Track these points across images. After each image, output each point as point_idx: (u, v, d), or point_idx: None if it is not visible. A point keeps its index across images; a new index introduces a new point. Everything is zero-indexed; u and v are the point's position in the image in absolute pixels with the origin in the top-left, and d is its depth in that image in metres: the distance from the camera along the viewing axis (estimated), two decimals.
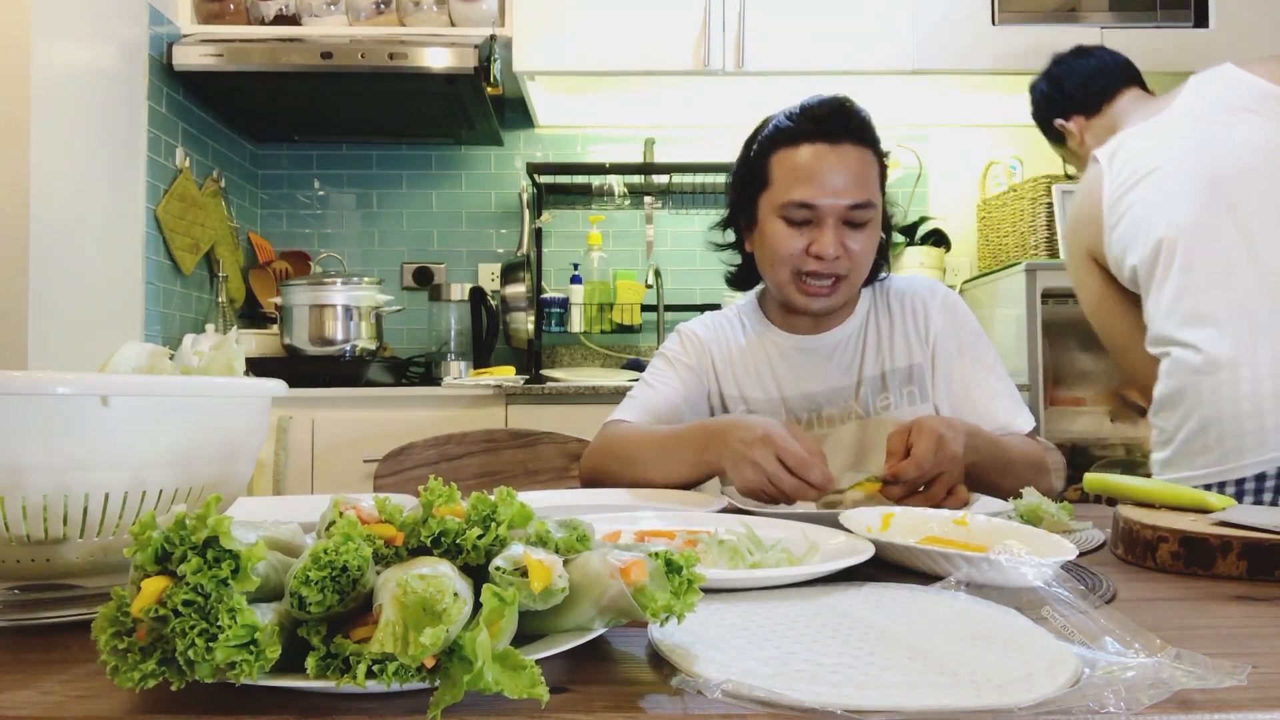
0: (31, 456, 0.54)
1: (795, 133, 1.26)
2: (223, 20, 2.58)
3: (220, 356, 0.70)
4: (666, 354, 1.42)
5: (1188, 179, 1.42)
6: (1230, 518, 0.81)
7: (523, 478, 1.71)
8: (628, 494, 1.13)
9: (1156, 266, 1.42)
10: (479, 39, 2.47)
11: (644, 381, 1.41)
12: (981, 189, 2.98)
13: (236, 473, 0.67)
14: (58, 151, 1.99)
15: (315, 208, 3.06)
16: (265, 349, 2.58)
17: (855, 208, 1.24)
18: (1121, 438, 2.40)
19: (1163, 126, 1.51)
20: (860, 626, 0.55)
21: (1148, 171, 1.46)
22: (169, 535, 0.42)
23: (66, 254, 2.01)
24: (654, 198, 3.03)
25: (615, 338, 2.98)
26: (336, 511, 0.51)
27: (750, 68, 2.53)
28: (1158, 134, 1.50)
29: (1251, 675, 0.46)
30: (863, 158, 1.26)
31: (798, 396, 1.36)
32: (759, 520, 0.84)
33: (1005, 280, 2.48)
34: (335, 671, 0.41)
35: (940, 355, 1.34)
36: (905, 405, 1.33)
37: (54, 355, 1.94)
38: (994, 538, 0.75)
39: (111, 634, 0.42)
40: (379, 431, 2.28)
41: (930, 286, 1.40)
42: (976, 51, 2.54)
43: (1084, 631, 0.53)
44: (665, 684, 0.47)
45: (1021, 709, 0.42)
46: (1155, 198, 1.44)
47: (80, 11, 2.07)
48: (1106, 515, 0.98)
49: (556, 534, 0.51)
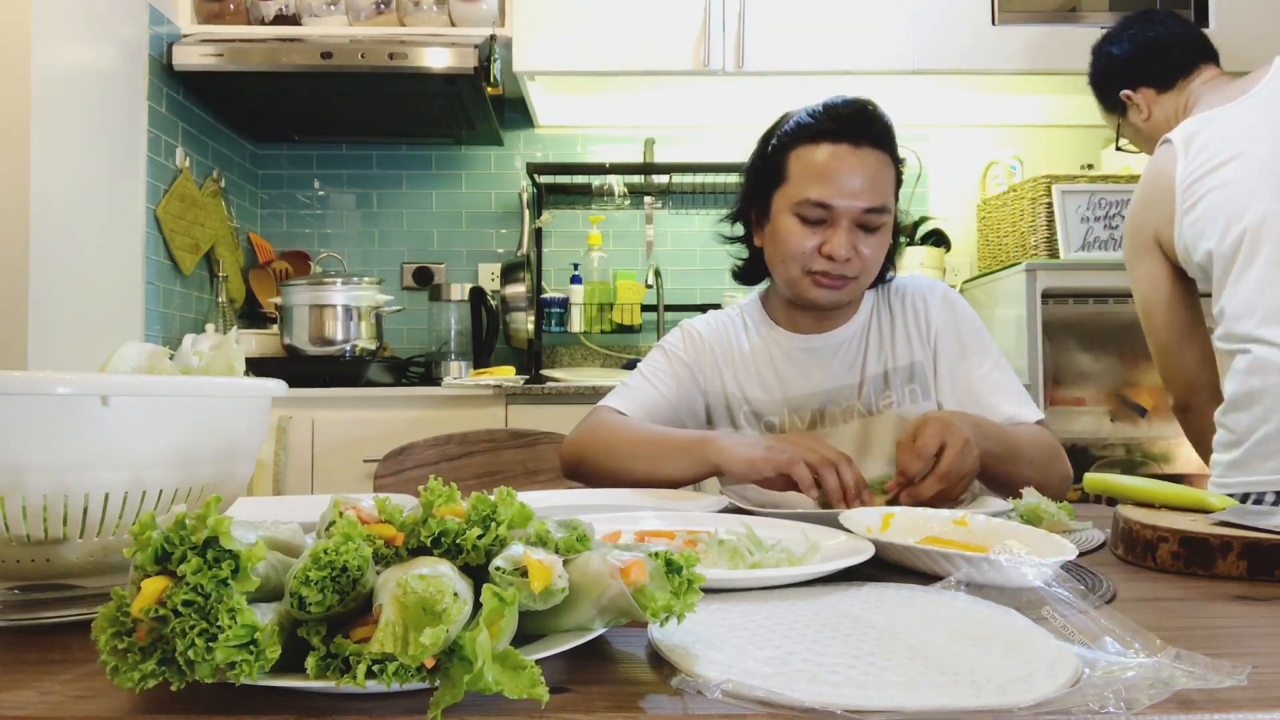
0: (31, 456, 0.54)
1: (817, 130, 1.26)
2: (223, 20, 2.58)
3: (220, 356, 0.70)
4: (665, 348, 1.42)
5: (1278, 167, 1.34)
6: (1230, 518, 0.81)
7: (523, 478, 1.71)
8: (628, 494, 1.13)
9: (1237, 258, 1.34)
10: (479, 39, 2.47)
11: (639, 373, 1.40)
12: (981, 189, 2.98)
13: (236, 473, 0.67)
14: (58, 151, 1.99)
15: (315, 208, 3.06)
16: (265, 349, 2.58)
17: (870, 211, 1.24)
18: (1121, 438, 2.41)
19: (1248, 110, 1.42)
20: (860, 626, 0.55)
21: (1231, 156, 1.38)
22: (169, 535, 0.42)
23: (66, 254, 2.01)
24: (654, 198, 3.03)
25: (615, 338, 2.98)
26: (336, 511, 0.51)
27: (750, 68, 2.53)
28: (1243, 118, 1.41)
29: (1251, 675, 0.46)
30: (881, 162, 1.26)
31: (801, 396, 1.36)
32: (759, 520, 0.84)
33: (1005, 280, 2.48)
34: (335, 671, 0.41)
35: (942, 353, 1.34)
36: (908, 403, 1.34)
37: (54, 355, 1.94)
38: (994, 538, 0.75)
39: (111, 634, 0.42)
40: (379, 431, 2.28)
41: (929, 284, 1.40)
42: (976, 51, 2.54)
43: (1084, 631, 0.53)
44: (665, 684, 0.47)
45: (1021, 709, 0.42)
46: (1239, 185, 1.36)
47: (80, 11, 2.07)
48: (1106, 515, 0.98)
49: (556, 534, 0.51)
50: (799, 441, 1.08)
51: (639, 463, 1.20)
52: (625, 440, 1.25)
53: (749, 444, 1.11)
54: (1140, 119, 1.63)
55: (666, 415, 1.36)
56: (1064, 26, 2.54)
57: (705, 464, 1.14)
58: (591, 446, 1.27)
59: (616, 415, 1.33)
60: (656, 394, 1.37)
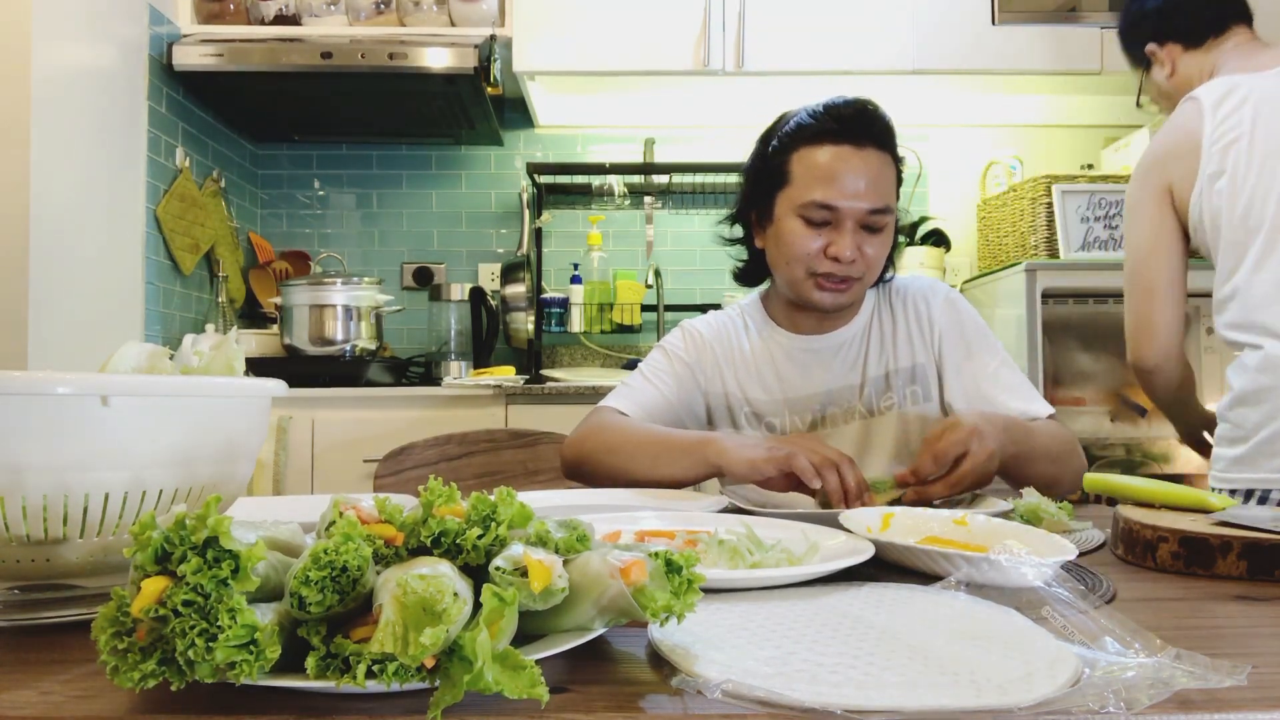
0: (31, 456, 0.54)
1: (818, 131, 1.26)
2: (223, 20, 2.58)
3: (220, 356, 0.70)
4: (666, 348, 1.42)
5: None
6: (1230, 518, 0.81)
7: (523, 478, 1.71)
8: (628, 494, 1.13)
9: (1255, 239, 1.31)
10: (479, 39, 2.47)
11: (640, 373, 1.40)
12: (981, 189, 2.98)
13: (236, 473, 0.67)
14: (58, 151, 1.99)
15: (315, 208, 3.06)
16: (265, 349, 2.58)
17: (874, 212, 1.24)
18: (1121, 438, 2.41)
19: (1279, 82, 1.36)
20: (860, 626, 0.55)
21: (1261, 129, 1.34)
22: (169, 535, 0.42)
23: (66, 254, 2.01)
24: (654, 198, 3.03)
25: (615, 338, 2.98)
26: (336, 511, 0.51)
27: (750, 68, 2.53)
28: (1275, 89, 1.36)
29: (1251, 675, 0.46)
30: (884, 162, 1.26)
31: (801, 397, 1.36)
32: (759, 520, 0.84)
33: (1005, 280, 2.48)
34: (335, 671, 0.41)
35: (947, 355, 1.34)
36: (909, 405, 1.33)
37: (54, 355, 1.94)
38: (994, 538, 0.75)
39: (111, 634, 0.42)
40: (379, 431, 2.28)
41: (931, 285, 1.40)
42: (976, 51, 2.54)
43: (1084, 631, 0.53)
44: (665, 684, 0.47)
45: (1021, 709, 0.42)
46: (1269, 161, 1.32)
47: (80, 11, 2.07)
48: (1106, 515, 0.98)
49: (556, 534, 0.51)
50: (800, 442, 1.08)
51: (640, 463, 1.20)
52: (627, 441, 1.24)
53: (750, 445, 1.11)
54: (1164, 75, 1.58)
55: (667, 415, 1.36)
56: (1064, 26, 2.54)
57: (706, 465, 1.14)
58: (593, 447, 1.27)
59: (618, 415, 1.33)
60: (657, 394, 1.37)
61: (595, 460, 1.26)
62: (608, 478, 1.23)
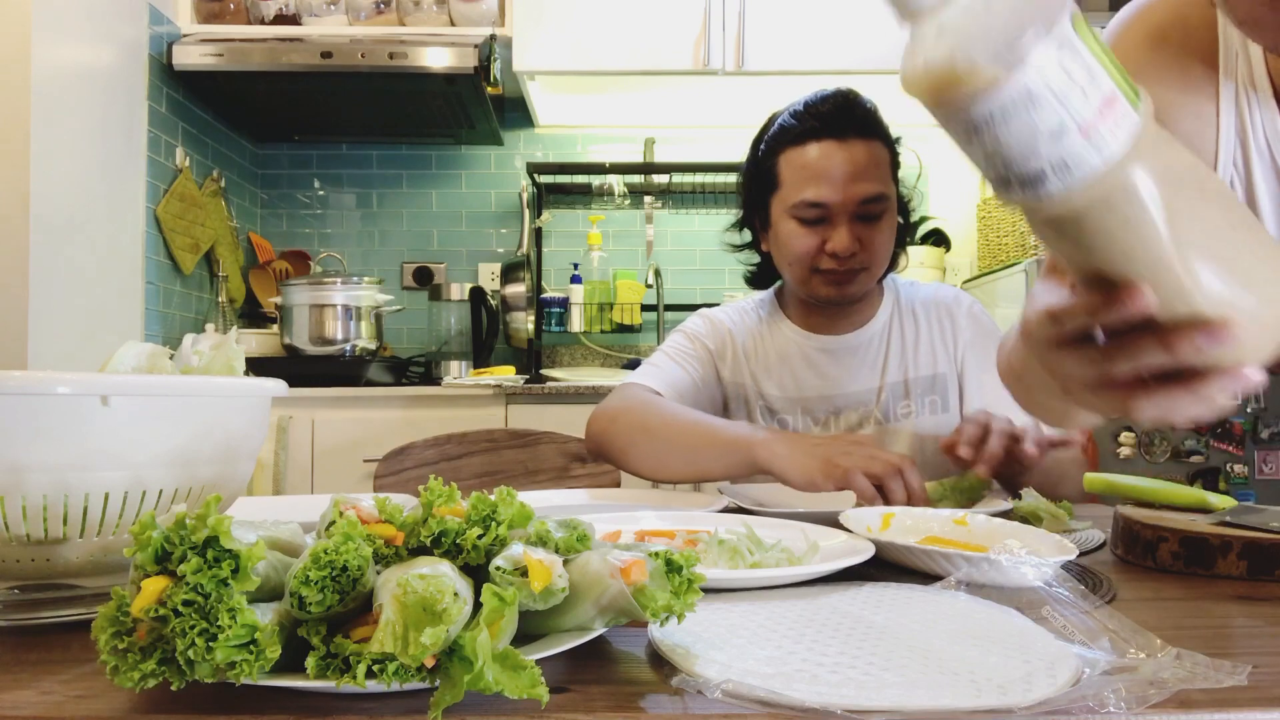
0: (31, 456, 0.54)
1: (800, 131, 1.25)
2: (223, 20, 2.58)
3: (220, 356, 0.70)
4: (688, 332, 1.39)
5: None
6: (1230, 518, 0.81)
7: (523, 478, 1.71)
8: (627, 494, 1.13)
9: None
10: (479, 39, 2.47)
11: (664, 353, 1.37)
12: (982, 189, 2.98)
13: (236, 473, 0.67)
14: (58, 151, 1.99)
15: (315, 208, 3.06)
16: (265, 349, 2.58)
17: (867, 201, 1.23)
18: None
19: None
20: (860, 626, 0.55)
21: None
22: (169, 535, 0.42)
23: (66, 254, 2.01)
24: (654, 198, 3.03)
25: (615, 337, 2.98)
26: (336, 511, 0.51)
27: (750, 68, 2.53)
28: None
29: (1251, 675, 0.46)
30: (871, 150, 1.24)
31: (816, 398, 1.34)
32: (759, 520, 0.84)
33: (1005, 280, 2.48)
34: (335, 671, 0.41)
35: (970, 368, 1.33)
36: (926, 414, 1.32)
37: (54, 355, 1.94)
38: (994, 538, 0.75)
39: (111, 634, 0.42)
40: (379, 431, 2.28)
41: (955, 296, 1.39)
42: None
43: (1084, 631, 0.53)
44: (665, 684, 0.47)
45: (1021, 709, 0.42)
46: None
47: (80, 11, 2.07)
48: (1106, 515, 0.98)
49: (556, 534, 0.51)
50: (854, 450, 1.01)
51: (678, 451, 1.15)
52: (665, 425, 1.18)
53: (803, 450, 1.04)
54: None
55: (691, 399, 1.32)
56: None
57: (752, 467, 1.08)
58: (628, 424, 1.21)
59: (651, 394, 1.28)
60: (685, 375, 1.33)
61: (627, 438, 1.20)
62: (638, 459, 1.18)
